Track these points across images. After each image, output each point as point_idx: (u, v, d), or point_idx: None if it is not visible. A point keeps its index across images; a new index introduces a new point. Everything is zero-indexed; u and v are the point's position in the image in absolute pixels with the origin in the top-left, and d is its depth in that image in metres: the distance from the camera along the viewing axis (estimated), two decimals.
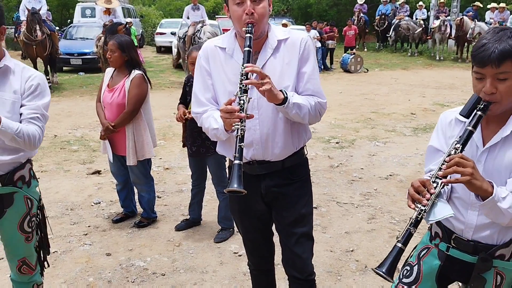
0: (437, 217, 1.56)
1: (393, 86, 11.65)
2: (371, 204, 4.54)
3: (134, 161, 3.74)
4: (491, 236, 1.69)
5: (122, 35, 3.96)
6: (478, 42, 1.57)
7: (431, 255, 1.85)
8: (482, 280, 1.73)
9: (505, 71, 1.52)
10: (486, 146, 1.65)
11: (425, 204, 1.56)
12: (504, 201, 1.54)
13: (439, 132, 1.82)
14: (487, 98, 1.57)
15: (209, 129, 2.09)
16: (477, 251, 1.71)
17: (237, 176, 1.75)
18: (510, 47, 1.50)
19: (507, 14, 14.61)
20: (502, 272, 1.73)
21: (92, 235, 3.93)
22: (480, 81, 1.58)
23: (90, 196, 4.77)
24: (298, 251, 2.23)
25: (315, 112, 2.06)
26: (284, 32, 2.09)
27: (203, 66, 2.15)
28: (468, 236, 1.72)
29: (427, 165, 1.86)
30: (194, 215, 4.05)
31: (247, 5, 1.92)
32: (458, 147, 1.57)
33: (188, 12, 12.28)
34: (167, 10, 29.56)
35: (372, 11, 20.27)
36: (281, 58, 2.05)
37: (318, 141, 6.78)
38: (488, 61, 1.51)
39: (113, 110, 3.70)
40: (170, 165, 5.72)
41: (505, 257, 1.72)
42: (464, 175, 1.50)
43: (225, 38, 2.13)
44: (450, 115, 1.79)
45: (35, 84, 2.16)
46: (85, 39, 14.90)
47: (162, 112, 8.20)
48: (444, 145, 1.77)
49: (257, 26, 1.94)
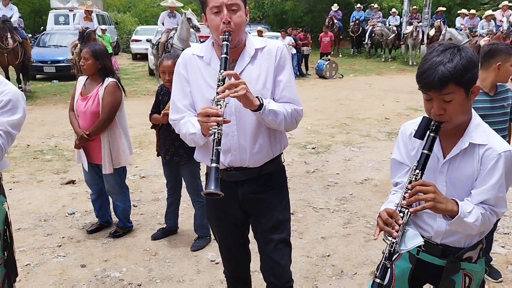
0: (408, 246, 1.61)
1: (368, 92, 11.84)
2: (347, 209, 4.59)
3: (110, 169, 3.71)
4: (459, 241, 1.76)
5: (96, 43, 3.93)
6: (421, 65, 1.59)
7: (403, 258, 1.90)
8: (451, 282, 1.79)
9: (449, 92, 1.54)
10: (447, 158, 1.69)
11: (395, 236, 1.59)
12: (470, 216, 1.60)
13: (400, 145, 1.86)
14: (437, 119, 1.61)
15: (186, 134, 2.09)
16: (446, 254, 1.77)
17: (214, 178, 1.76)
18: (448, 72, 1.51)
19: (477, 20, 15.02)
20: (470, 273, 1.79)
21: (66, 246, 3.86)
22: (429, 102, 1.62)
23: (64, 206, 4.69)
24: (277, 258, 2.24)
25: (292, 119, 2.09)
26: (261, 41, 2.14)
27: (181, 74, 2.17)
28: (437, 240, 1.78)
29: (393, 177, 1.90)
30: (170, 224, 4.02)
31: (224, 14, 1.95)
32: (418, 173, 1.61)
33: (164, 18, 12.25)
34: (143, 17, 29.37)
35: (346, 17, 20.58)
36: (258, 66, 2.08)
37: (294, 146, 6.83)
38: (431, 86, 1.54)
39: (87, 118, 3.66)
40: (146, 174, 5.68)
41: (472, 259, 1.79)
42: (427, 201, 1.55)
43: (203, 47, 2.16)
44: (410, 127, 1.82)
45: (6, 99, 2.05)
46: (58, 46, 14.68)
47: (138, 120, 8.13)
48: (406, 157, 1.82)
49: (234, 35, 1.98)
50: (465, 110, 1.63)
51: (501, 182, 1.62)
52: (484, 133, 1.67)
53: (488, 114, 2.91)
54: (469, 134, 1.66)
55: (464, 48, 1.57)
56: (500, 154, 1.62)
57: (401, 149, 1.84)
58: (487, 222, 1.64)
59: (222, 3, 1.95)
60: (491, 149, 1.63)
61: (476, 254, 1.79)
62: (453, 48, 1.56)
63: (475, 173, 1.65)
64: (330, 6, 20.02)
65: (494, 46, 2.97)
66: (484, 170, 1.63)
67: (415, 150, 1.77)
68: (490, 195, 1.63)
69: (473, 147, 1.65)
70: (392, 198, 1.82)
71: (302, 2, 23.73)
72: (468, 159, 1.66)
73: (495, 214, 1.66)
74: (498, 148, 1.63)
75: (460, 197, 1.66)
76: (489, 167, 1.62)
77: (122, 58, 19.57)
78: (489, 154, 1.63)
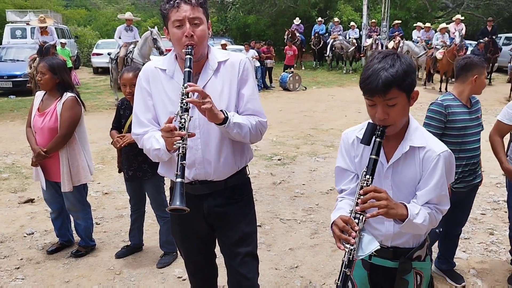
0: (365, 252, 1.63)
1: (330, 103, 12.04)
2: (314, 219, 4.61)
3: (70, 187, 3.58)
4: (408, 241, 1.83)
5: (54, 57, 3.81)
6: (364, 72, 1.64)
7: (357, 266, 1.94)
8: (405, 282, 1.85)
9: (392, 97, 1.59)
10: (390, 162, 1.75)
11: (353, 243, 1.61)
12: (418, 217, 1.67)
13: (343, 153, 1.90)
14: (381, 123, 1.66)
15: (150, 150, 2.05)
16: (397, 256, 1.83)
17: (179, 194, 1.73)
18: (391, 76, 1.56)
19: (432, 33, 15.61)
20: (420, 271, 1.87)
21: (25, 268, 3.68)
22: (372, 107, 1.66)
23: (22, 226, 4.49)
24: (244, 271, 2.22)
25: (256, 131, 2.09)
26: (223, 54, 2.14)
27: (143, 87, 2.13)
28: (387, 244, 1.83)
29: (338, 185, 1.95)
30: (135, 241, 3.92)
31: (186, 28, 1.94)
32: (368, 178, 1.64)
33: (120, 32, 12.08)
34: (104, 31, 28.89)
35: (308, 30, 20.95)
36: (221, 79, 2.08)
37: (260, 158, 6.84)
38: (375, 92, 1.59)
39: (44, 135, 3.53)
40: (109, 190, 5.53)
41: (421, 257, 1.88)
42: (381, 208, 1.58)
43: (165, 60, 2.14)
44: (351, 135, 1.87)
45: None
46: (15, 61, 14.24)
47: (100, 135, 7.93)
48: (350, 164, 1.87)
49: (197, 48, 1.97)
50: (407, 114, 1.70)
51: (442, 181, 1.71)
52: (422, 136, 1.74)
53: (468, 126, 3.02)
54: (409, 138, 1.73)
55: (402, 55, 1.65)
56: (439, 155, 1.70)
57: (345, 156, 1.89)
58: (433, 220, 1.73)
59: (185, 17, 1.94)
60: (431, 150, 1.71)
61: (424, 252, 1.88)
62: (393, 54, 1.63)
63: (418, 175, 1.73)
64: (292, 19, 20.33)
65: (469, 60, 3.07)
66: (426, 171, 1.71)
67: (359, 157, 1.82)
68: (434, 195, 1.71)
69: (413, 150, 1.72)
70: (341, 205, 1.85)
71: (265, 16, 24.00)
72: (410, 162, 1.73)
73: (440, 212, 1.76)
74: (436, 150, 1.71)
75: (406, 199, 1.73)
76: (431, 168, 1.70)
77: (83, 72, 19.16)
78: (429, 156, 1.70)
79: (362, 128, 1.79)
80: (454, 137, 3.01)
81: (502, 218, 4.59)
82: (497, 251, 3.95)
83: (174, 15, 1.96)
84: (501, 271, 3.61)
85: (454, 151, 3.05)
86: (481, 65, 3.03)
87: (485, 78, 3.07)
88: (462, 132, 3.01)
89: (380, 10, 20.18)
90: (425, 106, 10.67)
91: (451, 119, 2.98)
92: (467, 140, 3.04)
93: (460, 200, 3.14)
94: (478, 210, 4.76)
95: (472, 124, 3.04)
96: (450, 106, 2.99)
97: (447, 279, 3.47)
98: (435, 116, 2.99)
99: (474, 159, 3.10)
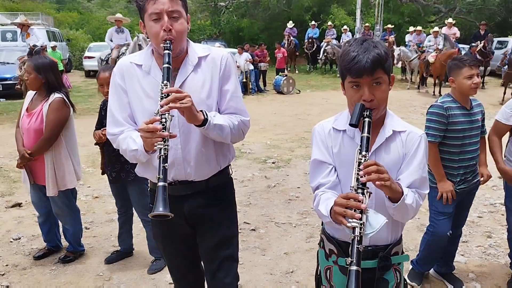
0: (375, 228, 1.55)
1: (324, 106, 11.98)
2: (309, 223, 4.52)
3: (55, 191, 3.45)
4: (386, 238, 1.80)
5: (41, 56, 3.70)
6: (346, 55, 1.67)
7: (335, 274, 1.87)
8: (385, 281, 1.81)
9: (378, 76, 1.65)
10: (372, 149, 1.74)
11: (360, 218, 1.51)
12: (408, 197, 1.65)
13: (319, 144, 1.84)
14: (368, 106, 1.67)
15: (127, 150, 1.95)
16: (376, 254, 1.78)
17: (162, 199, 1.64)
18: (378, 55, 1.63)
19: (423, 36, 15.69)
20: (398, 267, 1.86)
21: (11, 274, 3.56)
22: (357, 90, 1.68)
23: (8, 231, 4.36)
24: (221, 276, 2.13)
25: (238, 131, 2.01)
26: (204, 49, 2.04)
27: (118, 84, 2.02)
28: (366, 242, 1.73)
29: (315, 179, 1.83)
30: (124, 246, 3.80)
31: (164, 22, 1.84)
32: (365, 154, 1.60)
33: (111, 34, 12.00)
34: (97, 34, 28.69)
35: (301, 34, 20.94)
36: (203, 75, 1.99)
37: (254, 161, 6.75)
38: (364, 71, 1.62)
39: (30, 136, 3.41)
40: (100, 193, 5.40)
41: (399, 253, 1.87)
42: (385, 180, 1.54)
43: (142, 55, 2.04)
44: (327, 125, 1.87)
45: None
46: (5, 63, 14.03)
47: (91, 138, 7.73)
48: (327, 155, 1.81)
49: (175, 43, 1.87)
50: (387, 98, 1.75)
51: (424, 162, 1.75)
52: (400, 121, 1.81)
53: (467, 128, 2.97)
54: (389, 123, 1.78)
55: (377, 41, 1.72)
56: (420, 136, 1.77)
57: (321, 147, 1.83)
58: (418, 205, 1.71)
59: (163, 10, 1.84)
60: (412, 132, 1.77)
61: (401, 248, 1.88)
62: (369, 40, 1.70)
63: (400, 159, 1.75)
64: (285, 23, 20.31)
65: (449, 63, 3.08)
66: (410, 152, 1.74)
67: (338, 146, 1.79)
68: (417, 176, 1.72)
69: (395, 134, 1.76)
70: (328, 196, 1.73)
71: (258, 19, 23.97)
72: (392, 146, 1.75)
73: (421, 197, 1.74)
74: (417, 132, 1.79)
75: None
76: (414, 148, 1.74)
77: (74, 75, 19.00)
78: (411, 137, 1.76)
79: (337, 119, 1.85)
80: (455, 139, 2.97)
81: (499, 221, 4.53)
82: (495, 254, 3.88)
83: (151, 7, 1.85)
84: (500, 275, 3.54)
85: (455, 153, 3.03)
86: (456, 67, 2.99)
87: (467, 79, 2.92)
88: (462, 134, 2.97)
89: (373, 14, 20.23)
90: (419, 109, 10.70)
91: (452, 121, 2.94)
92: (467, 142, 3.00)
93: (462, 199, 3.14)
94: (475, 213, 4.70)
95: (471, 126, 3.00)
96: (450, 108, 2.95)
97: (446, 283, 3.40)
98: (437, 119, 2.95)
99: (474, 160, 3.09)
